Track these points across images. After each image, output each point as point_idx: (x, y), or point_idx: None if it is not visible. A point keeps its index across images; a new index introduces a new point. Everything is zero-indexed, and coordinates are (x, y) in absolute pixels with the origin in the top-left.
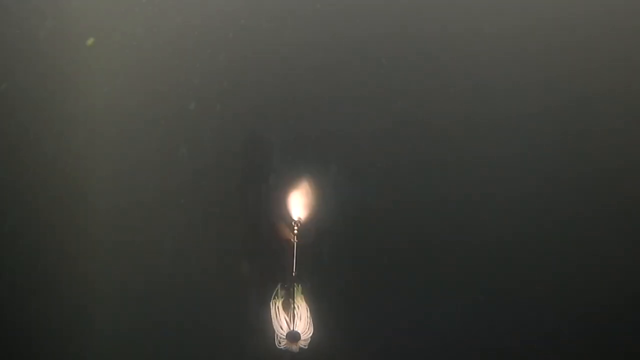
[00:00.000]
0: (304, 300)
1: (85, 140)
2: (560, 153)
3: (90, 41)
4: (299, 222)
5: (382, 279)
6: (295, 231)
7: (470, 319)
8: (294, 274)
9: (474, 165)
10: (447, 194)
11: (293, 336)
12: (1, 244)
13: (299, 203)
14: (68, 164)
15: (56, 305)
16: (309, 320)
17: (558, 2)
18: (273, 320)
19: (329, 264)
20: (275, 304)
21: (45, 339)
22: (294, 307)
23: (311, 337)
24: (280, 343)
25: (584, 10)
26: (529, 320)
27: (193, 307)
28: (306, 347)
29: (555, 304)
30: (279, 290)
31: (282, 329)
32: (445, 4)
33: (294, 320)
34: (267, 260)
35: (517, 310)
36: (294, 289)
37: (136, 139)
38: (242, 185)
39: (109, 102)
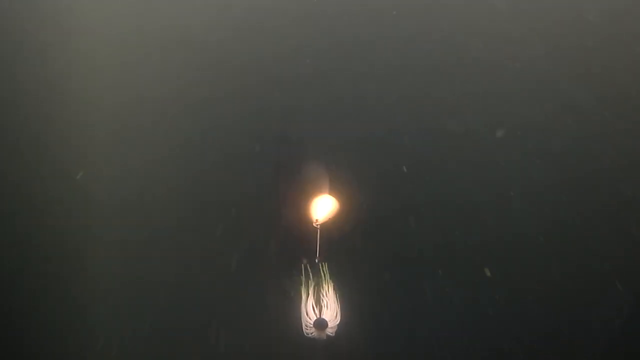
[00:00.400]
0: (331, 287)
1: (86, 140)
2: (561, 154)
3: None
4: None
5: (407, 267)
6: (317, 220)
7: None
8: (317, 260)
9: (483, 168)
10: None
11: (320, 324)
12: (1, 244)
13: (319, 196)
14: (68, 164)
15: (56, 306)
16: (337, 307)
17: (563, 5)
18: (301, 308)
19: (354, 249)
20: (303, 291)
21: (45, 339)
22: (322, 295)
23: (338, 324)
24: (307, 331)
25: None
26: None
27: (211, 300)
28: (333, 334)
29: (556, 304)
30: (306, 278)
31: (309, 317)
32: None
33: (321, 307)
34: (292, 248)
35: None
36: (321, 275)
37: (143, 135)
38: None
39: (109, 101)
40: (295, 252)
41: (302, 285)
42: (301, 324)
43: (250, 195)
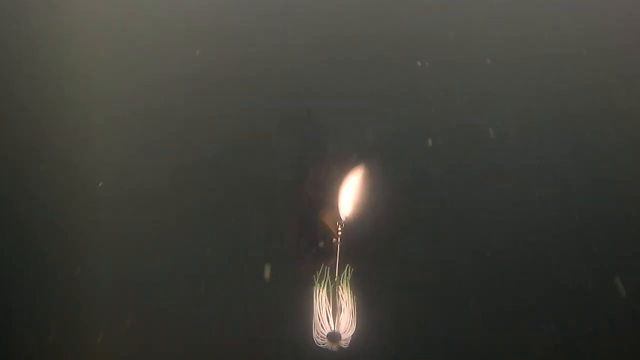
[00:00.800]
0: (348, 297)
1: (87, 140)
2: (561, 155)
3: None
4: (343, 220)
5: (425, 276)
6: (340, 230)
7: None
8: (336, 273)
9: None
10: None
11: (334, 337)
12: (1, 243)
13: (342, 201)
14: (69, 163)
15: (56, 306)
16: (352, 319)
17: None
18: (315, 318)
19: (373, 261)
20: (318, 301)
21: (45, 339)
22: (337, 306)
23: (352, 335)
24: (319, 341)
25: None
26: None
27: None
28: (346, 346)
29: (558, 304)
30: (323, 287)
31: (323, 328)
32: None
33: (335, 319)
34: (311, 257)
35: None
36: (337, 286)
37: (143, 135)
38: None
39: (110, 101)
40: (314, 260)
41: (317, 291)
42: (313, 333)
43: (252, 194)
